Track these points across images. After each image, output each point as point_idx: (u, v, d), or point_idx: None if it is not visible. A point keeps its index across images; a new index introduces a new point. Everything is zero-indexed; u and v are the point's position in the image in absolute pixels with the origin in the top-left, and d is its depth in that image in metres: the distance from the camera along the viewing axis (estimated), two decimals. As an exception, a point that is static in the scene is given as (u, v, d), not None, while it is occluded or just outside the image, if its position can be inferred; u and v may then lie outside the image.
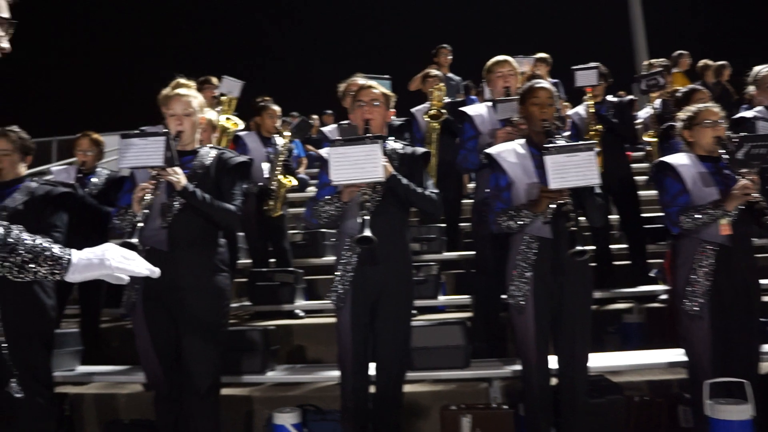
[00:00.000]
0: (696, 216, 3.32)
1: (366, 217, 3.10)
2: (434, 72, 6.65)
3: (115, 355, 4.85)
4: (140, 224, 3.02)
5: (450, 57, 8.17)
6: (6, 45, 1.86)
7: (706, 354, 3.35)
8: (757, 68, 4.85)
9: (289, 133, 5.91)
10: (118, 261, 1.81)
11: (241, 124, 6.33)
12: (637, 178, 5.77)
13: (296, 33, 17.28)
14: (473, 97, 7.07)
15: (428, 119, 5.97)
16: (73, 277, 1.77)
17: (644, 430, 3.84)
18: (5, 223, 1.73)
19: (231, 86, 6.37)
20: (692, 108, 3.61)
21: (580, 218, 3.28)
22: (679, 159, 3.54)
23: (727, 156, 3.34)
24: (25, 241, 1.72)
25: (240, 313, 5.62)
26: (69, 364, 4.41)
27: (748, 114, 4.68)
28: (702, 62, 9.42)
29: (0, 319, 1.83)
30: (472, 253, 5.54)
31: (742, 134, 3.45)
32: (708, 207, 3.31)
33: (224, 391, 3.59)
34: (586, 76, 5.27)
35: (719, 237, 3.34)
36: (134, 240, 2.94)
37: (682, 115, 3.64)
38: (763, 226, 3.21)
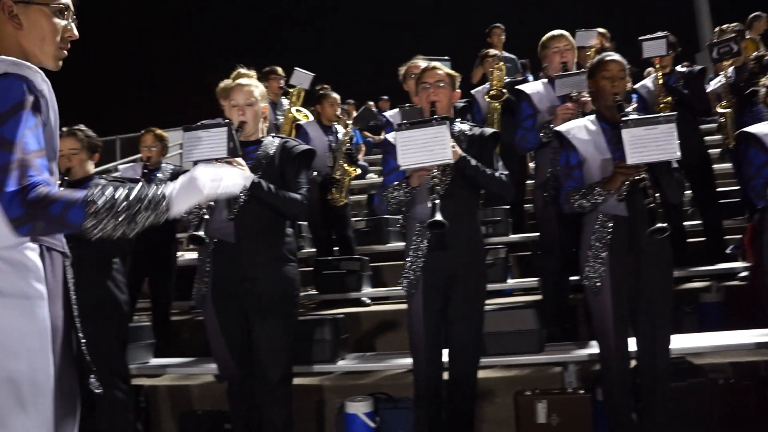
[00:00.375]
0: None
1: (436, 201, 3.03)
2: (493, 51, 6.53)
3: (187, 347, 4.92)
4: (206, 217, 3.01)
5: (503, 36, 7.94)
6: (76, 32, 1.87)
7: None
8: None
9: (351, 122, 5.87)
10: (210, 187, 1.77)
11: (311, 116, 6.36)
12: (710, 151, 5.52)
13: (345, 19, 17.26)
14: (529, 75, 6.91)
15: (489, 100, 5.86)
16: (177, 210, 1.75)
17: (730, 415, 3.67)
18: (101, 182, 1.72)
19: (301, 78, 6.46)
20: None
21: (656, 194, 3.14)
22: (763, 128, 3.35)
23: None
24: (122, 196, 1.69)
25: (307, 302, 5.64)
26: (143, 356, 4.49)
27: None
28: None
29: (77, 315, 1.84)
30: (537, 235, 5.42)
31: None
32: None
33: (296, 381, 3.59)
34: (655, 46, 5.05)
35: None
36: (201, 233, 2.94)
37: (766, 80, 3.44)
38: None
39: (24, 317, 1.67)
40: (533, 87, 4.38)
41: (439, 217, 2.97)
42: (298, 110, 6.41)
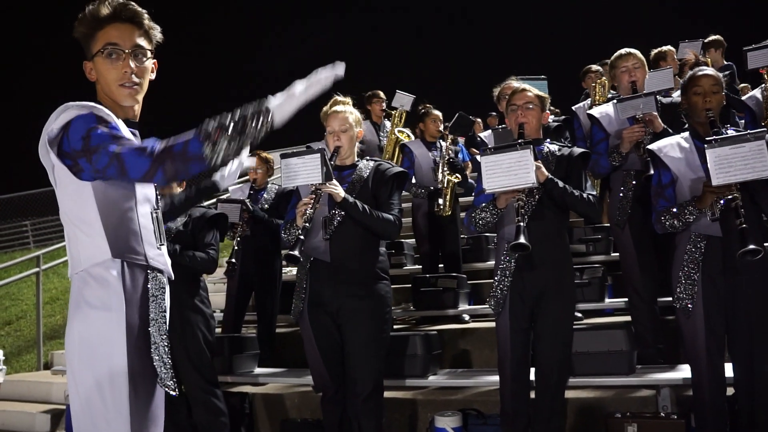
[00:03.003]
0: None
1: (521, 224, 3.09)
2: (595, 67, 6.44)
3: (289, 359, 5.17)
4: (302, 237, 3.21)
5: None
6: (133, 66, 2.05)
7: None
8: None
9: (449, 133, 5.95)
10: (304, 89, 1.90)
11: (412, 136, 6.54)
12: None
13: (456, 35, 17.36)
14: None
15: (590, 112, 5.78)
16: (281, 117, 1.88)
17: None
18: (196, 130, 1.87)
19: (403, 100, 6.70)
20: None
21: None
22: None
23: None
24: (227, 117, 1.84)
25: (406, 318, 5.75)
26: (248, 366, 4.77)
27: None
28: None
29: (166, 324, 2.07)
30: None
31: None
32: None
33: (389, 394, 3.71)
34: (761, 56, 4.83)
35: None
36: (295, 252, 3.13)
37: None
38: None
39: (107, 326, 1.92)
40: (602, 110, 4.29)
41: (522, 239, 3.03)
42: (400, 131, 6.60)
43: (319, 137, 4.74)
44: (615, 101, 4.21)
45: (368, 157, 3.76)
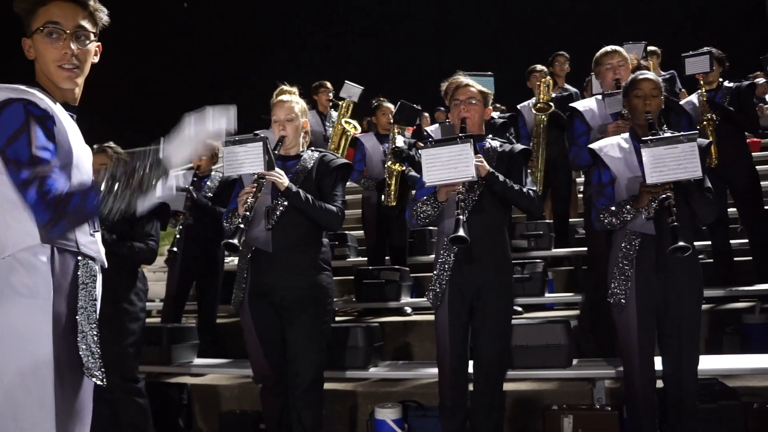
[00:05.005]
0: None
1: (460, 217, 3.11)
2: (539, 67, 6.54)
3: (230, 349, 5.12)
4: (242, 226, 3.17)
5: (567, 66, 7.25)
6: (73, 48, 2.00)
7: None
8: None
9: (394, 123, 5.95)
10: (197, 128, 1.92)
11: (359, 128, 6.52)
12: (759, 167, 5.41)
13: (408, 29, 17.38)
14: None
15: (535, 112, 5.89)
16: (176, 164, 1.90)
17: (764, 439, 3.61)
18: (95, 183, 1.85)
19: (351, 91, 6.70)
20: None
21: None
22: None
23: None
24: (121, 169, 1.84)
25: (348, 309, 5.76)
26: (187, 356, 4.70)
27: None
28: None
29: (96, 313, 2.01)
30: (581, 250, 5.42)
31: None
32: None
33: (330, 386, 3.71)
34: (697, 63, 5.00)
35: None
36: (234, 241, 3.08)
37: None
38: None
39: (33, 314, 1.86)
40: (586, 104, 4.38)
41: (461, 232, 3.05)
42: (347, 122, 6.58)
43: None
44: (601, 96, 4.28)
45: (313, 148, 3.73)
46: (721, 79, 5.27)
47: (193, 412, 4.62)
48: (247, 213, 3.23)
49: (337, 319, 5.52)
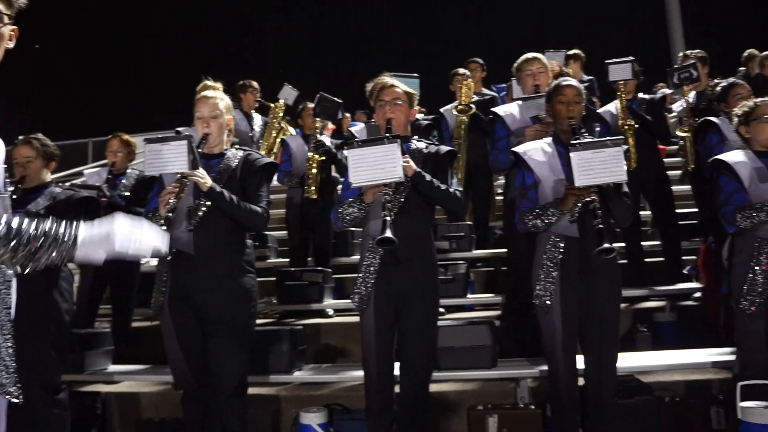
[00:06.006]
0: (754, 214, 3.23)
1: (387, 218, 3.09)
2: (462, 70, 6.63)
3: (148, 355, 4.92)
4: (164, 227, 3.04)
5: (479, 72, 7.33)
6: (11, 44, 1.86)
7: (760, 354, 3.27)
8: None
9: (314, 117, 5.89)
10: (123, 241, 1.79)
11: (293, 131, 6.45)
12: (670, 173, 5.65)
13: (333, 31, 17.36)
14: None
15: (456, 114, 5.96)
16: (82, 255, 1.75)
17: (676, 432, 3.77)
18: (5, 217, 1.70)
19: (288, 94, 6.66)
20: (749, 103, 3.53)
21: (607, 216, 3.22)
22: (734, 156, 3.45)
23: None
24: (30, 230, 1.70)
25: (269, 312, 5.67)
26: (101, 363, 4.50)
27: None
28: (747, 52, 9.14)
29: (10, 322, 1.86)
30: (502, 251, 5.51)
31: None
32: (765, 204, 3.21)
33: (252, 390, 3.62)
34: (620, 70, 5.17)
35: None
36: None
37: (738, 110, 3.56)
38: None
39: None
40: (506, 109, 4.44)
41: (388, 233, 3.03)
42: (283, 124, 6.57)
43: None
44: (520, 100, 4.34)
45: (237, 146, 3.63)
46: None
47: (108, 422, 4.41)
48: (170, 214, 3.11)
49: (258, 321, 5.41)
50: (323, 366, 4.53)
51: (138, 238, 1.81)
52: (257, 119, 7.24)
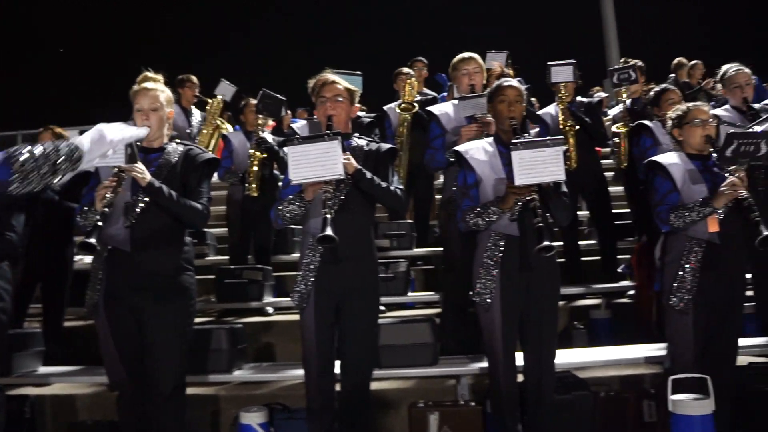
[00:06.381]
0: (686, 214, 3.34)
1: (327, 216, 3.07)
2: (406, 69, 6.66)
3: (80, 355, 4.76)
4: (100, 223, 2.95)
5: (425, 71, 7.54)
6: None
7: (689, 349, 3.39)
8: (724, 67, 4.89)
9: (257, 113, 5.83)
10: (113, 132, 2.07)
11: (230, 128, 6.34)
12: (605, 174, 5.81)
13: (276, 28, 17.19)
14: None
15: (399, 111, 5.98)
16: (90, 159, 2.00)
17: (610, 425, 3.87)
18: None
19: (226, 90, 6.56)
20: (683, 107, 3.63)
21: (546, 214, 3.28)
22: (668, 158, 3.56)
23: (716, 153, 3.39)
24: (40, 150, 1.85)
25: (208, 310, 5.58)
26: (31, 365, 4.32)
27: (716, 112, 4.73)
28: (676, 60, 9.53)
29: None
30: (440, 249, 5.55)
31: (731, 131, 3.47)
32: (697, 205, 3.33)
33: (190, 391, 3.56)
34: (562, 72, 5.27)
35: (707, 234, 3.35)
36: (92, 240, 2.87)
37: (672, 114, 3.66)
38: (751, 222, 3.21)
39: None
40: (441, 108, 4.47)
41: (329, 231, 3.02)
42: (221, 121, 6.45)
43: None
44: (456, 100, 4.36)
45: (178, 141, 3.55)
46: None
47: (36, 426, 4.25)
48: (106, 210, 3.02)
49: (196, 320, 5.31)
50: (263, 365, 4.47)
51: (121, 128, 2.08)
52: (196, 115, 7.11)
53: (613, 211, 5.71)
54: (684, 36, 14.36)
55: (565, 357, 3.94)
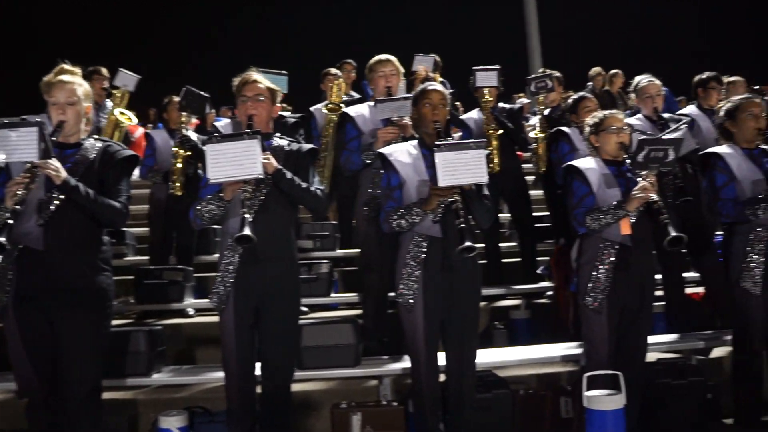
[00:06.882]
0: (601, 217, 3.46)
1: (246, 216, 3.04)
2: (333, 70, 6.67)
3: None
4: (10, 221, 2.83)
5: (353, 74, 7.57)
6: None
7: (604, 347, 3.52)
8: (637, 78, 5.12)
9: (180, 110, 5.70)
10: None
11: (135, 119, 6.13)
12: (525, 178, 5.97)
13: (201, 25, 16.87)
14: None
15: (326, 112, 5.96)
16: None
17: (529, 422, 3.97)
18: None
19: (126, 80, 6.25)
20: (599, 114, 3.77)
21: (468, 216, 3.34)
22: (585, 163, 3.69)
23: (629, 159, 3.53)
24: None
25: (127, 312, 5.43)
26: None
27: (629, 121, 4.93)
28: (594, 69, 9.90)
29: None
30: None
31: (642, 138, 3.63)
32: (611, 208, 3.46)
33: (107, 395, 3.46)
34: (487, 76, 5.38)
35: (620, 236, 3.49)
36: (1, 239, 2.75)
37: (589, 121, 3.80)
38: (661, 224, 3.36)
39: None
40: (358, 110, 4.47)
41: (247, 231, 2.99)
42: (122, 113, 6.18)
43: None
44: (373, 102, 4.36)
45: (96, 137, 3.43)
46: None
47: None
48: (17, 207, 2.89)
49: (114, 322, 5.15)
50: (183, 367, 4.38)
51: None
52: (109, 107, 6.84)
53: (534, 214, 5.86)
54: (604, 46, 14.87)
55: (485, 356, 4.02)
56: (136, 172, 5.80)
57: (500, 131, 5.39)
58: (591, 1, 15.98)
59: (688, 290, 5.09)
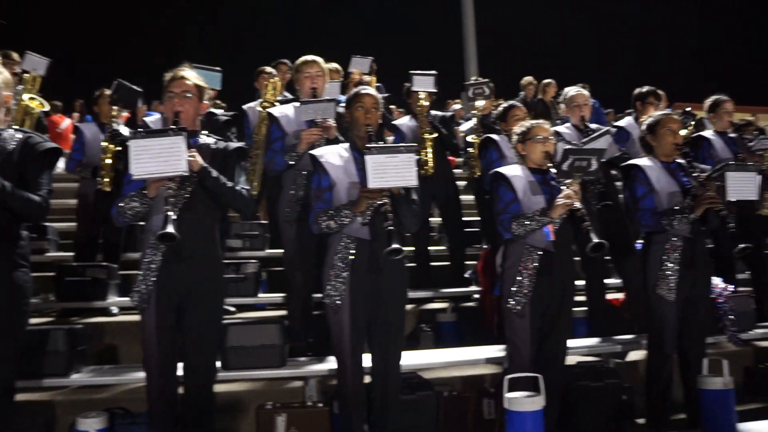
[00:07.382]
0: (526, 223, 3.55)
1: (170, 213, 3.00)
2: (269, 69, 6.62)
3: None
4: None
5: (288, 75, 7.10)
6: None
7: (526, 349, 3.61)
8: (567, 89, 5.29)
9: (111, 104, 5.56)
10: None
11: (47, 106, 5.94)
12: (457, 182, 6.06)
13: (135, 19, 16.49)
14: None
15: (260, 110, 5.92)
16: None
17: (453, 424, 4.04)
18: None
19: (35, 63, 5.95)
20: (526, 124, 3.86)
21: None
22: (512, 170, 3.78)
23: (554, 168, 3.63)
24: None
25: (47, 310, 5.26)
26: None
27: (558, 129, 5.07)
28: (525, 79, 10.13)
29: None
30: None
31: (567, 147, 3.73)
32: (536, 214, 3.55)
33: (21, 397, 3.35)
34: (424, 81, 5.43)
35: (543, 242, 3.59)
36: None
37: (517, 129, 3.89)
38: (583, 231, 3.47)
39: None
40: (282, 110, 4.44)
41: (170, 229, 2.95)
42: (32, 98, 5.95)
43: None
44: (298, 103, 4.35)
45: (16, 127, 3.31)
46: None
47: None
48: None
49: (32, 321, 4.98)
50: (105, 368, 4.26)
51: None
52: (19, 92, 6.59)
53: (464, 218, 5.96)
54: (539, 54, 15.24)
55: (411, 358, 4.06)
56: (62, 165, 5.66)
57: (435, 135, 5.45)
58: (528, 11, 16.35)
59: (609, 296, 5.26)
